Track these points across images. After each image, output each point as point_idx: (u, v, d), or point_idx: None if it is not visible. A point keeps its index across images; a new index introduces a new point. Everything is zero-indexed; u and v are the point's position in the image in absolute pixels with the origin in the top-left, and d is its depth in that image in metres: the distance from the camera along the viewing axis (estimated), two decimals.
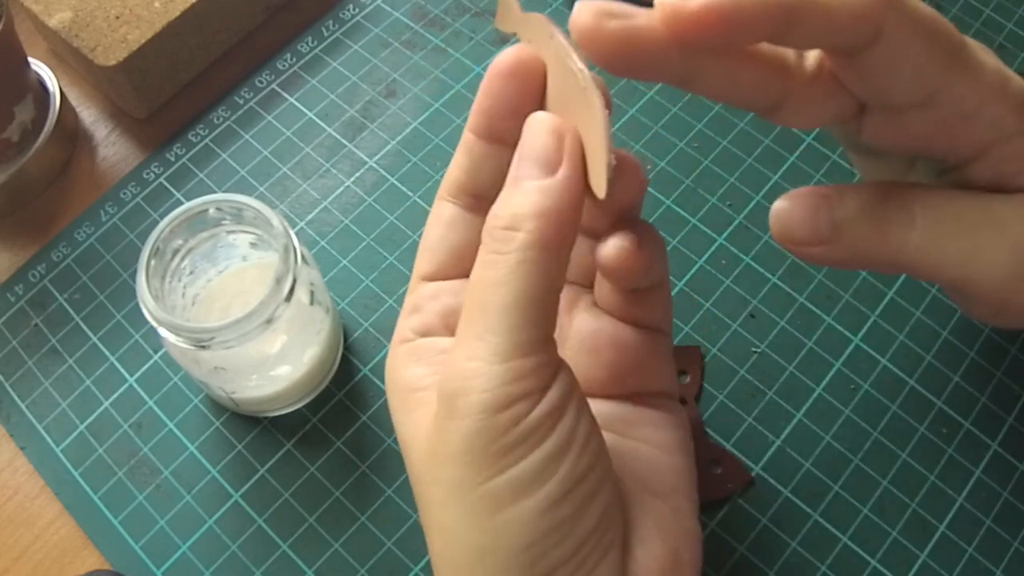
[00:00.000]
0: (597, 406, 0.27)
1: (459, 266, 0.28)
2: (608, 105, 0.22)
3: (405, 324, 0.28)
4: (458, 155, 0.27)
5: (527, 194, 0.22)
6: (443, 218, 0.28)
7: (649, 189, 0.41)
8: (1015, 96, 0.24)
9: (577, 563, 0.23)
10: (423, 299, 0.28)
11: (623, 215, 0.26)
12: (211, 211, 0.33)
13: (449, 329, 0.27)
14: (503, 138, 0.26)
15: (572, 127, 0.23)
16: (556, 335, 0.24)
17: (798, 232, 0.25)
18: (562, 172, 0.22)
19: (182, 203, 0.34)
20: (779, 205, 0.25)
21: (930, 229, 0.24)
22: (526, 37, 0.24)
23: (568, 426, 0.23)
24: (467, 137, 0.27)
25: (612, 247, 0.25)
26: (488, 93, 0.25)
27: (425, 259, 0.28)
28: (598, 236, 0.26)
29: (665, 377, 0.29)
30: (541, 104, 0.24)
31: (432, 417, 0.24)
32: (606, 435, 0.26)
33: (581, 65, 0.21)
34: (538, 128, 0.23)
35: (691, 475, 0.28)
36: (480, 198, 0.27)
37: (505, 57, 0.25)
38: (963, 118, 0.23)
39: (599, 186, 0.21)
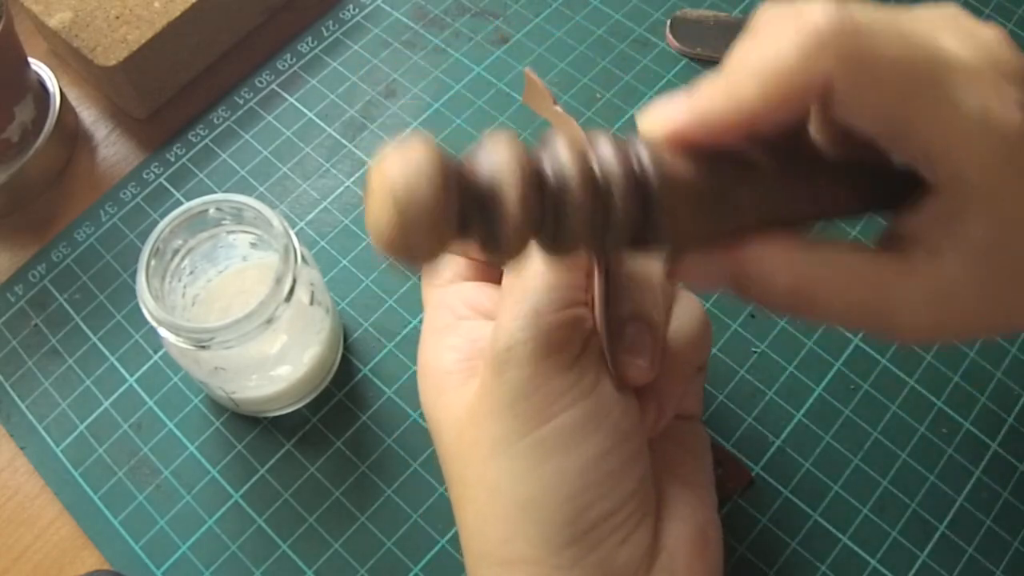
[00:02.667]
0: None
1: (468, 277, 0.30)
2: None
3: (435, 315, 0.29)
4: None
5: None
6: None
7: None
8: (995, 134, 0.22)
9: (617, 523, 0.24)
10: (447, 295, 0.30)
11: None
12: (211, 211, 0.33)
13: (476, 312, 0.29)
14: None
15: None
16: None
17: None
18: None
19: (182, 203, 0.34)
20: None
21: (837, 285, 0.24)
22: (541, 110, 0.28)
23: (610, 385, 0.25)
24: None
25: (631, 366, 0.26)
26: None
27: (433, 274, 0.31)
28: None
29: (696, 405, 0.31)
30: None
31: (469, 392, 0.26)
32: None
33: (575, 124, 0.26)
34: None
35: (711, 476, 0.29)
36: None
37: None
38: (926, 157, 0.22)
39: None
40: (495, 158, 0.21)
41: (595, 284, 0.25)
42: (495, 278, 0.29)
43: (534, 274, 0.26)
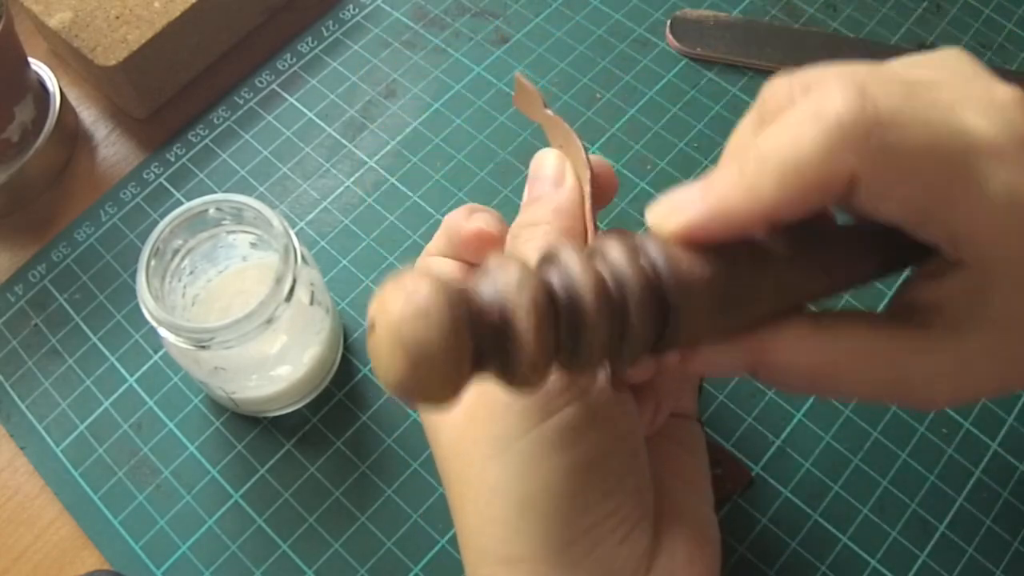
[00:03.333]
0: None
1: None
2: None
3: None
4: (438, 240, 0.30)
5: (545, 201, 0.27)
6: (434, 259, 0.31)
7: (649, 189, 0.41)
8: (1019, 221, 0.21)
9: (616, 522, 0.24)
10: None
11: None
12: (211, 211, 0.33)
13: None
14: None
15: (566, 156, 0.28)
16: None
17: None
18: (568, 182, 0.27)
19: (182, 203, 0.34)
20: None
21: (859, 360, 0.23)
22: (532, 114, 0.29)
23: (607, 383, 0.25)
24: (440, 246, 0.30)
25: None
26: (455, 242, 0.29)
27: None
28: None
29: (691, 404, 0.31)
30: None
31: (467, 392, 0.26)
32: None
33: (567, 126, 0.27)
34: (547, 159, 0.28)
35: (707, 474, 0.29)
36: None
37: (470, 225, 0.29)
38: (952, 239, 0.22)
39: (586, 188, 0.27)
40: (503, 286, 0.19)
41: None
42: None
43: None
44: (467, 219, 0.29)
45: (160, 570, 0.34)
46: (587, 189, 0.26)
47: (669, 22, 0.46)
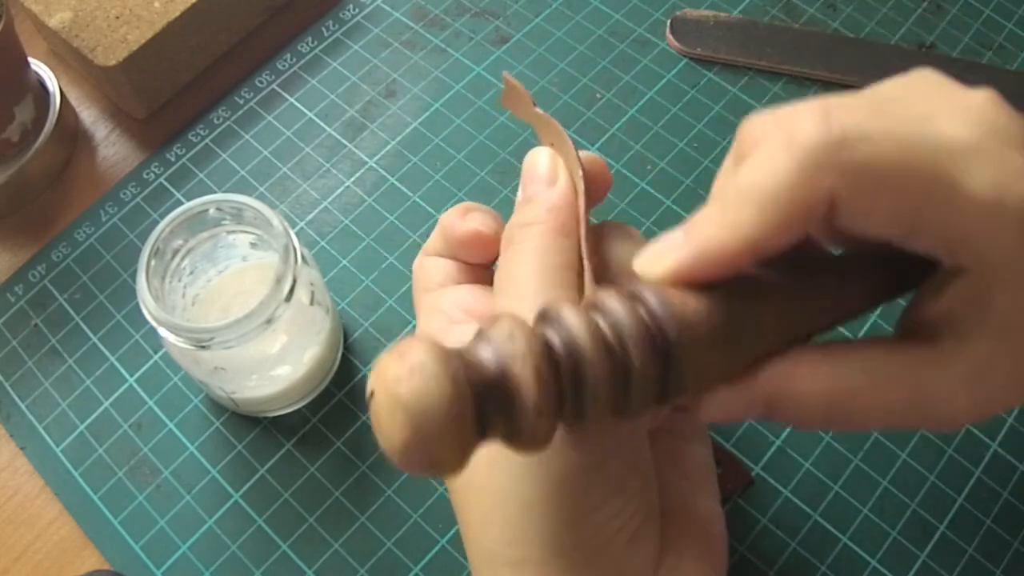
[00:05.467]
0: None
1: (460, 280, 0.30)
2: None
3: (428, 320, 0.29)
4: (435, 239, 0.31)
5: (538, 201, 0.27)
6: (431, 259, 0.31)
7: (649, 189, 0.41)
8: (1011, 209, 0.21)
9: (623, 522, 0.24)
10: (440, 300, 0.30)
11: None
12: (211, 211, 0.33)
13: (470, 316, 0.29)
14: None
15: (558, 155, 0.28)
16: None
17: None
18: (561, 180, 0.27)
19: (182, 203, 0.34)
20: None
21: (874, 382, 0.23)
22: (521, 113, 0.29)
23: None
24: (437, 245, 0.30)
25: None
26: (450, 242, 0.29)
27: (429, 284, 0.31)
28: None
29: None
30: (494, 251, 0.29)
31: None
32: None
33: (557, 125, 0.27)
34: (540, 158, 0.28)
35: (711, 464, 0.29)
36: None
37: (464, 226, 0.29)
38: (945, 247, 0.22)
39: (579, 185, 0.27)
40: (502, 345, 0.19)
41: (588, 283, 0.25)
42: (488, 280, 0.29)
43: (527, 278, 0.26)
44: (462, 219, 0.29)
45: (160, 570, 0.34)
46: (580, 187, 0.26)
47: (669, 22, 0.46)
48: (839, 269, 0.25)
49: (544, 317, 0.21)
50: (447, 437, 0.18)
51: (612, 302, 0.21)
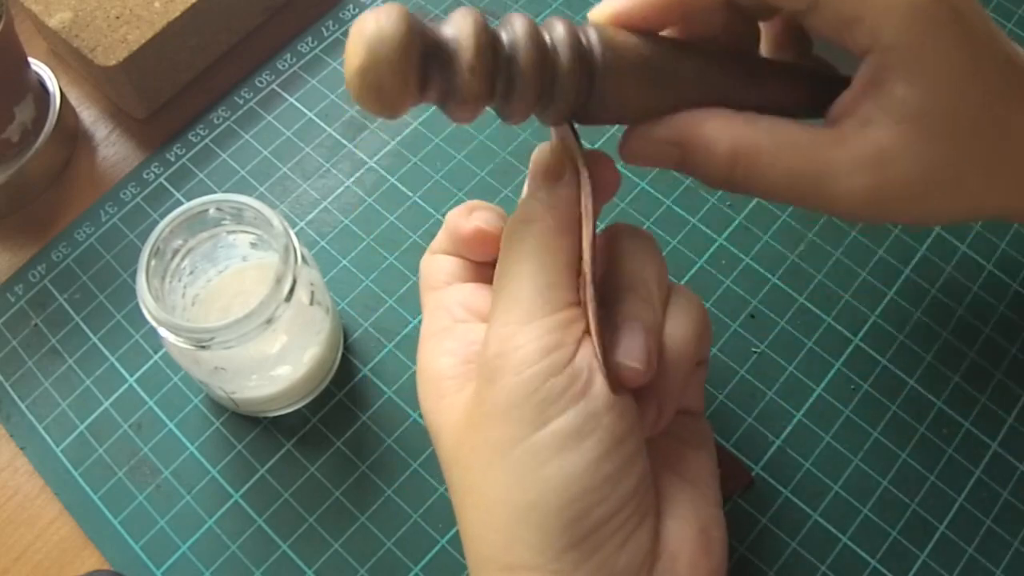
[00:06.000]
0: None
1: (465, 278, 0.30)
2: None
3: (432, 318, 0.29)
4: (441, 238, 0.31)
5: (540, 197, 0.27)
6: (437, 256, 0.31)
7: (649, 189, 0.41)
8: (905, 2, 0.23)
9: (617, 525, 0.24)
10: (445, 297, 0.30)
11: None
12: (211, 211, 0.33)
13: (473, 315, 0.29)
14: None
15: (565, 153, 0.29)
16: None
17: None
18: (566, 179, 0.27)
19: (182, 203, 0.34)
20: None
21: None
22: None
23: (604, 387, 0.25)
24: (443, 243, 0.31)
25: (626, 369, 0.26)
26: (456, 240, 0.30)
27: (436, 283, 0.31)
28: None
29: (697, 400, 0.31)
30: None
31: (467, 397, 0.26)
32: None
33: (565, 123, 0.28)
34: (546, 155, 0.28)
35: (714, 470, 0.29)
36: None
37: (468, 224, 0.30)
38: (843, 24, 0.24)
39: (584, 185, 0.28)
40: (456, 22, 0.23)
41: (587, 285, 0.25)
42: (492, 280, 0.29)
43: (524, 277, 0.26)
44: (467, 217, 0.29)
45: (160, 570, 0.34)
46: (585, 187, 0.26)
47: None
48: (770, 63, 0.29)
49: (502, 22, 0.24)
50: (393, 65, 0.21)
51: (558, 23, 0.24)
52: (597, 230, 0.26)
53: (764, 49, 0.30)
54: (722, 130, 0.25)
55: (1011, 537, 0.34)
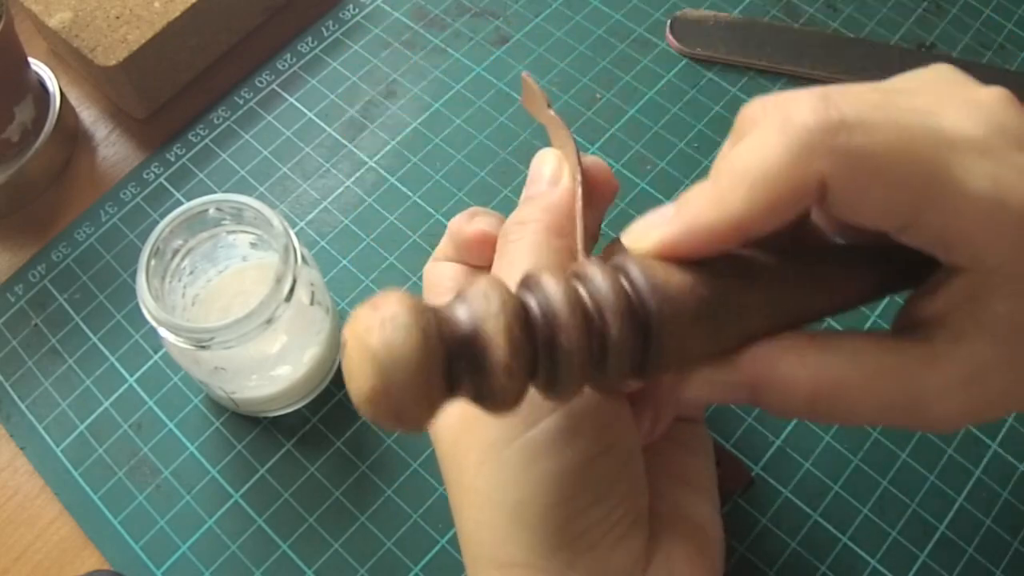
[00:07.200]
0: None
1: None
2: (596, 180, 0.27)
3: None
4: (445, 244, 0.31)
5: (538, 200, 0.27)
6: (441, 263, 0.31)
7: (649, 189, 0.41)
8: (1011, 209, 0.20)
9: (610, 525, 0.24)
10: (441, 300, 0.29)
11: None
12: (211, 211, 0.33)
13: None
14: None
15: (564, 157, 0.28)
16: None
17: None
18: (563, 182, 0.27)
19: (182, 203, 0.34)
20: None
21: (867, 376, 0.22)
22: (536, 114, 0.29)
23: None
24: (446, 250, 0.31)
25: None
26: (459, 245, 0.30)
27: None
28: None
29: (696, 409, 0.31)
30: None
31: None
32: None
33: (565, 127, 0.27)
34: (546, 159, 0.28)
35: (712, 474, 0.29)
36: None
37: (471, 228, 0.29)
38: (941, 244, 0.21)
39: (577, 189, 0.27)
40: (477, 304, 0.19)
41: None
42: None
43: (517, 273, 0.25)
44: (469, 222, 0.29)
45: (160, 570, 0.34)
46: (578, 191, 0.26)
47: (669, 22, 0.46)
48: (837, 259, 0.25)
49: (525, 282, 0.21)
50: (414, 389, 0.18)
51: (594, 271, 0.21)
52: (599, 231, 0.27)
53: (816, 219, 0.26)
54: (799, 369, 0.22)
55: (1011, 537, 0.34)
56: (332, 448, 0.36)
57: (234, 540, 0.35)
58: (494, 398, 0.19)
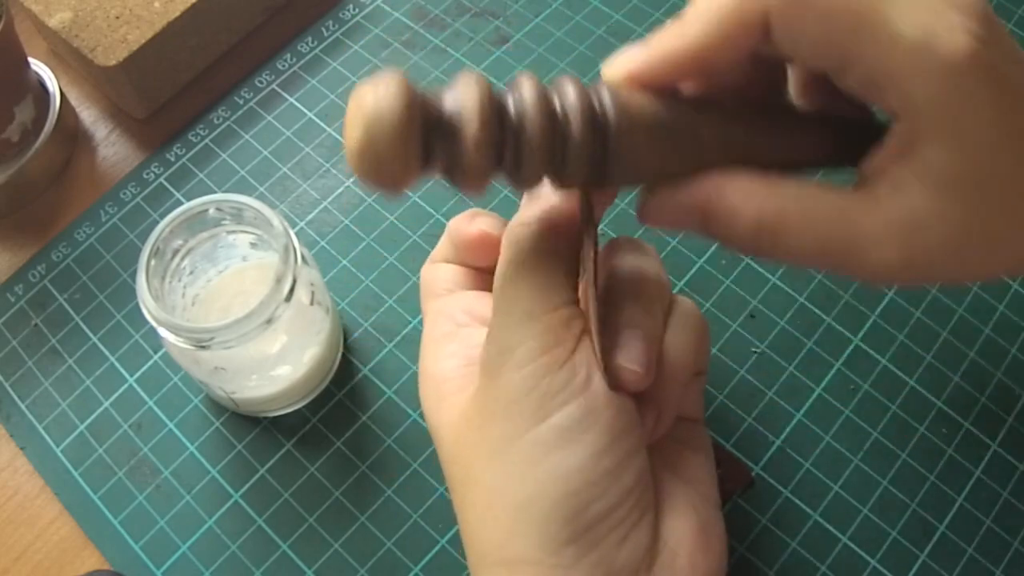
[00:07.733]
0: None
1: (467, 286, 0.31)
2: None
3: (435, 325, 0.30)
4: (443, 246, 0.31)
5: (542, 200, 0.27)
6: (439, 265, 0.31)
7: None
8: (940, 59, 0.21)
9: (616, 521, 0.24)
10: (447, 305, 0.30)
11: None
12: (211, 211, 0.33)
13: (476, 320, 0.29)
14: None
15: None
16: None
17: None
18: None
19: (182, 203, 0.34)
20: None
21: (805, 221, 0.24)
22: None
23: (603, 383, 0.25)
24: (445, 251, 0.31)
25: (625, 372, 0.26)
26: (459, 246, 0.30)
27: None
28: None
29: (696, 409, 0.31)
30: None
31: (468, 396, 0.26)
32: None
33: None
34: None
35: (713, 473, 0.29)
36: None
37: (471, 229, 0.30)
38: (874, 86, 0.23)
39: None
40: (460, 91, 0.22)
41: (588, 286, 0.25)
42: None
43: (524, 277, 0.26)
44: (469, 223, 0.29)
45: (160, 570, 0.34)
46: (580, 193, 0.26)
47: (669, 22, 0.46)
48: (795, 113, 0.27)
49: (509, 86, 0.23)
50: (394, 145, 0.21)
51: (569, 85, 0.23)
52: (599, 230, 0.27)
53: (793, 91, 0.28)
54: (746, 197, 0.24)
55: (1011, 537, 0.34)
56: (332, 448, 0.36)
57: (234, 540, 0.35)
58: (463, 172, 0.22)
